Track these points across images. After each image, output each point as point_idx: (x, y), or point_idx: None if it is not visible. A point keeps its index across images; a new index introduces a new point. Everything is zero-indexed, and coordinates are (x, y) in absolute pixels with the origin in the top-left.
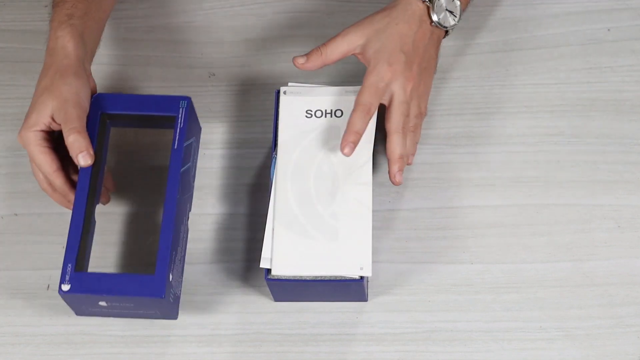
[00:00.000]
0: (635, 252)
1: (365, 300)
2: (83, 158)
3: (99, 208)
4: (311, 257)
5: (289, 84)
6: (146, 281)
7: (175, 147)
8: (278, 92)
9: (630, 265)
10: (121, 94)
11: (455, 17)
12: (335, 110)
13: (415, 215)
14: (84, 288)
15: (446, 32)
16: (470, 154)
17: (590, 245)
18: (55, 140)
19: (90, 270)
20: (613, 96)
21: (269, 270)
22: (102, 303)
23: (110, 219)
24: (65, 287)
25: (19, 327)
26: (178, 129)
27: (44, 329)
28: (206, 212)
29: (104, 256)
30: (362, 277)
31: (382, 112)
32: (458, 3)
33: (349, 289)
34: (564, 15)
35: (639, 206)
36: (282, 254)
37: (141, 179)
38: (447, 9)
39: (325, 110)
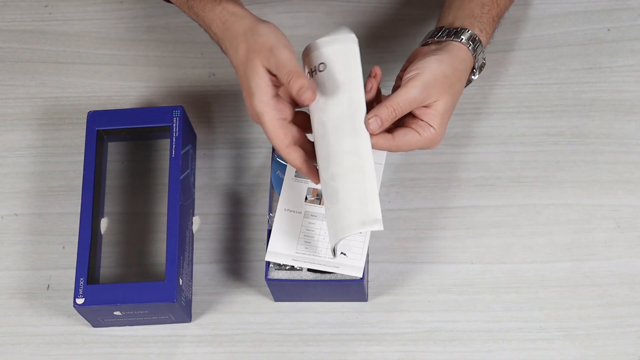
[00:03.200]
0: (635, 252)
1: (365, 300)
2: (305, 94)
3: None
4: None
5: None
6: (157, 287)
7: (173, 155)
8: None
9: (630, 265)
10: (115, 109)
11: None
12: (320, 64)
13: (415, 215)
14: (97, 300)
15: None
16: (470, 154)
17: (590, 245)
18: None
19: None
20: (613, 96)
21: (269, 271)
22: (117, 313)
23: (114, 225)
24: (80, 301)
25: (19, 327)
26: (174, 138)
27: (44, 329)
28: (206, 212)
29: (110, 265)
30: (362, 278)
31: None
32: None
33: (349, 289)
34: (564, 15)
35: (639, 206)
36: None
37: (143, 187)
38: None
39: (311, 69)
